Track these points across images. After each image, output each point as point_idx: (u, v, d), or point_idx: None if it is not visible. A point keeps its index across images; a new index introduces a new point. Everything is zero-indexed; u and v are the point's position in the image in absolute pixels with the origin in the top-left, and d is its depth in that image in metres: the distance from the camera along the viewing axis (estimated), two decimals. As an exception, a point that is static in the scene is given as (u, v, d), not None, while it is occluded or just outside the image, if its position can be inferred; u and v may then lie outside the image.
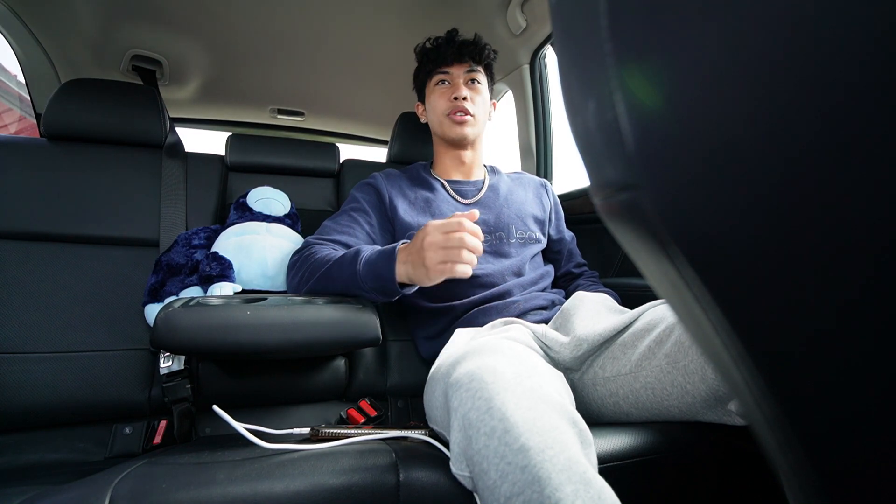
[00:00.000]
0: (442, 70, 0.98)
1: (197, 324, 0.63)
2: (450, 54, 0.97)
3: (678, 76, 0.15)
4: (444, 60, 0.98)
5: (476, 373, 0.50)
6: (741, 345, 0.16)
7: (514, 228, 0.96)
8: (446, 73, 0.98)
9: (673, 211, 0.16)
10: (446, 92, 0.97)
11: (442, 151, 1.04)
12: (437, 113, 0.98)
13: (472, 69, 0.98)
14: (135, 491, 0.45)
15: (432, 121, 1.02)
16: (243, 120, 1.79)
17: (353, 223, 0.91)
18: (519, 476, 0.40)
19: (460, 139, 0.98)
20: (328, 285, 0.79)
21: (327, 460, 0.52)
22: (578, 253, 1.10)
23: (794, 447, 0.16)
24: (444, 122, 0.97)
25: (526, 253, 0.95)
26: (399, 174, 1.02)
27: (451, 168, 1.03)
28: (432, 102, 1.00)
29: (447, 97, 0.97)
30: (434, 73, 0.99)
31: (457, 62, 0.97)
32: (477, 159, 1.05)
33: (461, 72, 0.97)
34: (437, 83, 0.99)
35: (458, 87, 0.96)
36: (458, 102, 0.95)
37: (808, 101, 0.13)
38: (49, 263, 0.90)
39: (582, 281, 1.04)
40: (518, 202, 1.00)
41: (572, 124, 0.21)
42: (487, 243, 0.93)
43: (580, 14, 0.18)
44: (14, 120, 3.00)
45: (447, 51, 0.97)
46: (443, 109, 0.97)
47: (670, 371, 0.62)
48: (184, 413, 0.80)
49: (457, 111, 0.95)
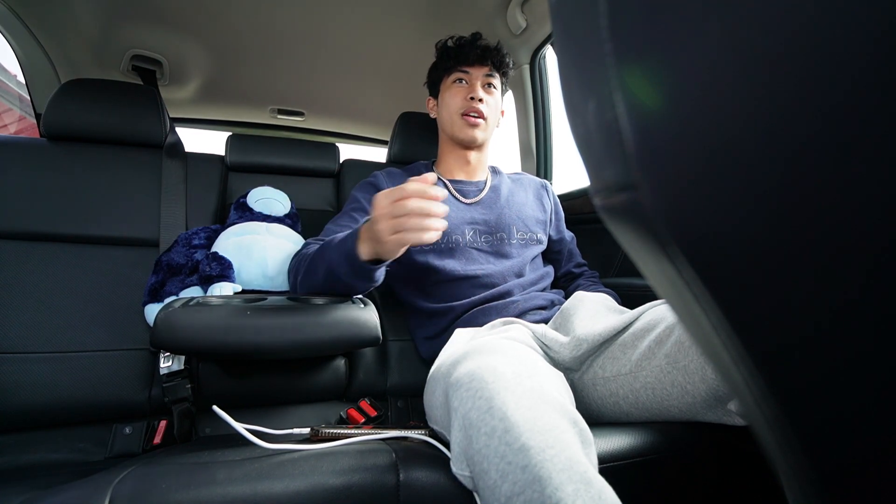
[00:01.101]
0: (462, 69, 0.98)
1: (197, 324, 0.63)
2: (472, 55, 0.97)
3: (678, 76, 0.15)
4: (465, 60, 0.98)
5: (476, 372, 0.50)
6: (741, 345, 0.16)
7: (515, 229, 0.96)
8: (465, 73, 0.98)
9: (673, 211, 0.16)
10: (462, 91, 0.98)
11: (448, 150, 1.04)
12: (450, 110, 0.98)
13: (491, 73, 0.99)
14: (135, 491, 0.45)
15: (443, 117, 1.02)
16: (243, 120, 1.79)
17: (354, 223, 0.91)
18: (519, 476, 0.41)
19: (470, 141, 0.98)
20: (313, 280, 0.78)
21: (327, 460, 0.52)
22: (578, 253, 1.10)
23: (794, 447, 0.16)
24: (457, 121, 0.97)
25: (527, 254, 0.95)
26: (401, 173, 1.02)
27: (455, 167, 1.03)
28: (447, 99, 0.99)
29: (463, 96, 0.97)
30: (453, 71, 0.99)
31: (478, 63, 0.98)
32: (482, 161, 1.05)
33: (480, 74, 0.98)
34: (455, 81, 0.99)
35: (475, 87, 0.96)
36: (474, 103, 0.95)
37: (808, 101, 0.13)
38: (49, 263, 0.90)
39: (582, 281, 1.04)
40: (519, 203, 1.00)
41: (572, 124, 0.21)
42: (489, 243, 0.93)
43: (580, 14, 0.18)
44: (14, 120, 3.00)
45: (470, 51, 0.97)
46: (457, 108, 0.97)
47: (670, 371, 0.62)
48: (184, 413, 0.80)
49: (471, 112, 0.96)
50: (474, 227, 0.94)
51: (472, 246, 0.92)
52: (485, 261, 0.91)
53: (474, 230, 0.94)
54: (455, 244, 0.91)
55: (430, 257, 0.90)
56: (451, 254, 0.91)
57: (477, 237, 0.93)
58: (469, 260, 0.91)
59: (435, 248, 0.91)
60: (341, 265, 0.72)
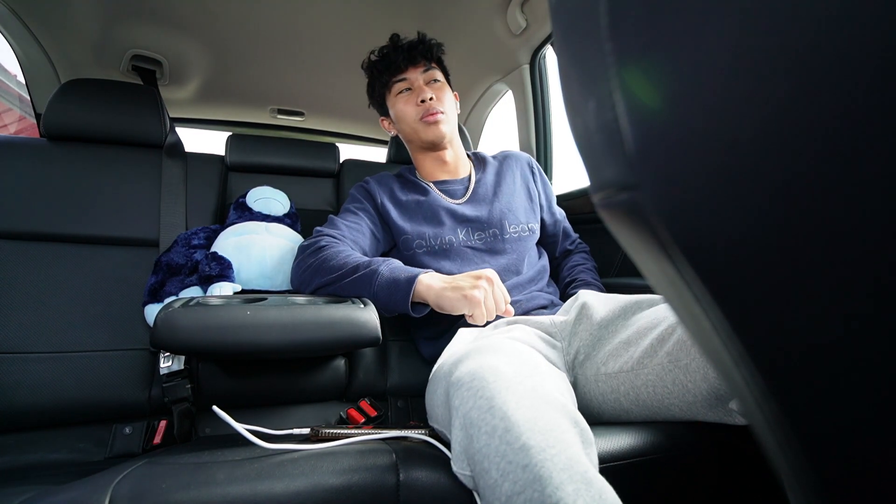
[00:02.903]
0: (399, 78, 0.96)
1: (197, 324, 0.63)
2: (401, 60, 0.95)
3: (678, 76, 0.15)
4: (397, 68, 0.95)
5: (477, 372, 0.50)
6: (741, 345, 0.16)
7: (508, 223, 0.95)
8: (404, 80, 0.96)
9: (673, 211, 0.16)
10: (411, 98, 0.95)
11: (420, 156, 1.02)
12: (408, 121, 0.96)
13: (428, 68, 0.96)
14: (135, 491, 0.45)
15: (404, 130, 1.00)
16: (243, 120, 1.79)
17: (360, 220, 0.92)
18: (520, 475, 0.40)
19: (439, 140, 0.96)
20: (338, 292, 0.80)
21: (327, 460, 0.52)
22: (570, 228, 1.11)
23: (794, 447, 0.16)
24: (419, 128, 0.95)
25: (522, 249, 0.95)
26: (391, 178, 1.02)
27: (435, 170, 1.02)
28: (399, 112, 0.97)
29: (413, 103, 0.95)
30: (392, 84, 0.97)
31: (411, 65, 0.95)
32: (459, 156, 1.03)
33: (418, 74, 0.95)
34: (399, 92, 0.97)
35: (421, 89, 0.94)
36: (427, 104, 0.93)
37: (808, 101, 0.13)
38: (49, 263, 0.90)
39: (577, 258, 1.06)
40: (507, 193, 0.99)
41: (572, 124, 0.21)
42: (482, 241, 0.93)
43: (580, 14, 0.18)
44: (14, 120, 2.99)
45: (398, 57, 0.95)
46: (413, 116, 0.95)
47: (672, 369, 0.62)
48: (184, 413, 0.80)
49: (428, 113, 0.93)
50: (467, 226, 0.94)
51: (466, 245, 0.92)
52: (480, 260, 0.91)
53: (467, 229, 0.94)
54: (449, 245, 0.91)
55: (426, 259, 0.90)
56: (447, 255, 0.91)
57: (470, 236, 0.93)
58: (465, 260, 0.91)
59: (430, 250, 0.91)
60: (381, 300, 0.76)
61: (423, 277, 0.74)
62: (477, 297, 0.69)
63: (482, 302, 0.69)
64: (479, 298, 0.69)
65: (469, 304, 0.69)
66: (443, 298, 0.72)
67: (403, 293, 0.74)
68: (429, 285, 0.74)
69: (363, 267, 0.78)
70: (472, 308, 0.69)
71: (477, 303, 0.69)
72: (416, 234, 0.92)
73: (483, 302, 0.69)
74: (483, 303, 0.69)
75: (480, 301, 0.69)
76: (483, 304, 0.69)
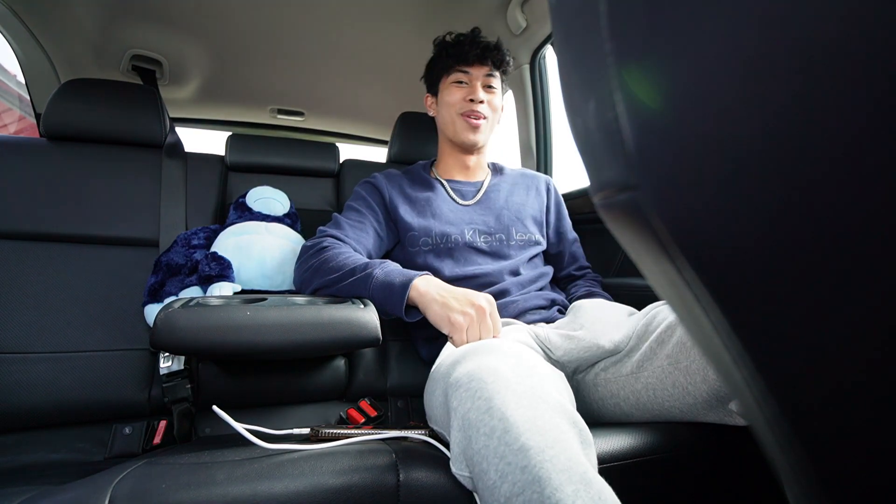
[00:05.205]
0: (461, 69, 0.96)
1: (197, 324, 0.63)
2: (472, 54, 0.95)
3: (678, 76, 0.15)
4: (465, 59, 0.96)
5: (476, 372, 0.50)
6: (741, 345, 0.16)
7: (514, 230, 0.96)
8: (465, 73, 0.96)
9: (673, 211, 0.16)
10: (462, 91, 0.96)
11: (447, 151, 1.03)
12: (450, 110, 0.97)
13: (491, 73, 0.97)
14: (135, 491, 0.45)
15: (443, 116, 1.00)
16: (243, 120, 1.79)
17: (364, 219, 0.92)
18: (519, 476, 0.40)
19: (471, 145, 0.97)
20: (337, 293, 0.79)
21: (327, 460, 0.52)
22: (583, 256, 1.09)
23: (794, 447, 0.16)
24: (458, 122, 0.96)
25: (524, 254, 0.95)
26: (399, 174, 1.02)
27: (454, 168, 1.03)
28: (446, 98, 0.98)
29: (462, 96, 0.95)
30: (453, 70, 0.97)
31: (478, 63, 0.96)
32: (481, 162, 1.05)
33: (481, 73, 0.96)
34: (454, 81, 0.97)
35: (475, 89, 0.95)
36: (474, 105, 0.94)
37: (808, 101, 0.13)
38: (49, 263, 0.90)
39: (581, 283, 1.03)
40: (518, 203, 1.00)
41: (572, 124, 0.21)
42: (487, 244, 0.93)
43: (580, 14, 0.18)
44: (14, 120, 2.99)
45: (470, 50, 0.95)
46: (457, 107, 0.96)
47: (672, 372, 0.62)
48: (184, 413, 0.80)
49: (472, 114, 0.94)
50: (473, 228, 0.94)
51: (471, 246, 0.92)
52: (482, 261, 0.91)
53: (473, 230, 0.94)
54: (454, 244, 0.91)
55: (430, 258, 0.90)
56: (450, 254, 0.91)
57: (476, 237, 0.93)
58: (467, 261, 0.91)
59: (434, 249, 0.91)
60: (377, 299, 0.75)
61: (419, 282, 0.73)
62: (460, 324, 0.67)
63: (464, 330, 0.67)
64: (461, 325, 0.67)
65: (450, 328, 0.68)
66: (430, 311, 0.71)
67: (398, 297, 0.73)
68: (421, 292, 0.72)
69: (360, 270, 0.77)
70: (453, 333, 0.68)
71: (459, 329, 0.67)
72: (423, 230, 0.92)
73: (465, 330, 0.67)
74: (465, 331, 0.67)
75: (462, 329, 0.67)
76: (465, 332, 0.67)
